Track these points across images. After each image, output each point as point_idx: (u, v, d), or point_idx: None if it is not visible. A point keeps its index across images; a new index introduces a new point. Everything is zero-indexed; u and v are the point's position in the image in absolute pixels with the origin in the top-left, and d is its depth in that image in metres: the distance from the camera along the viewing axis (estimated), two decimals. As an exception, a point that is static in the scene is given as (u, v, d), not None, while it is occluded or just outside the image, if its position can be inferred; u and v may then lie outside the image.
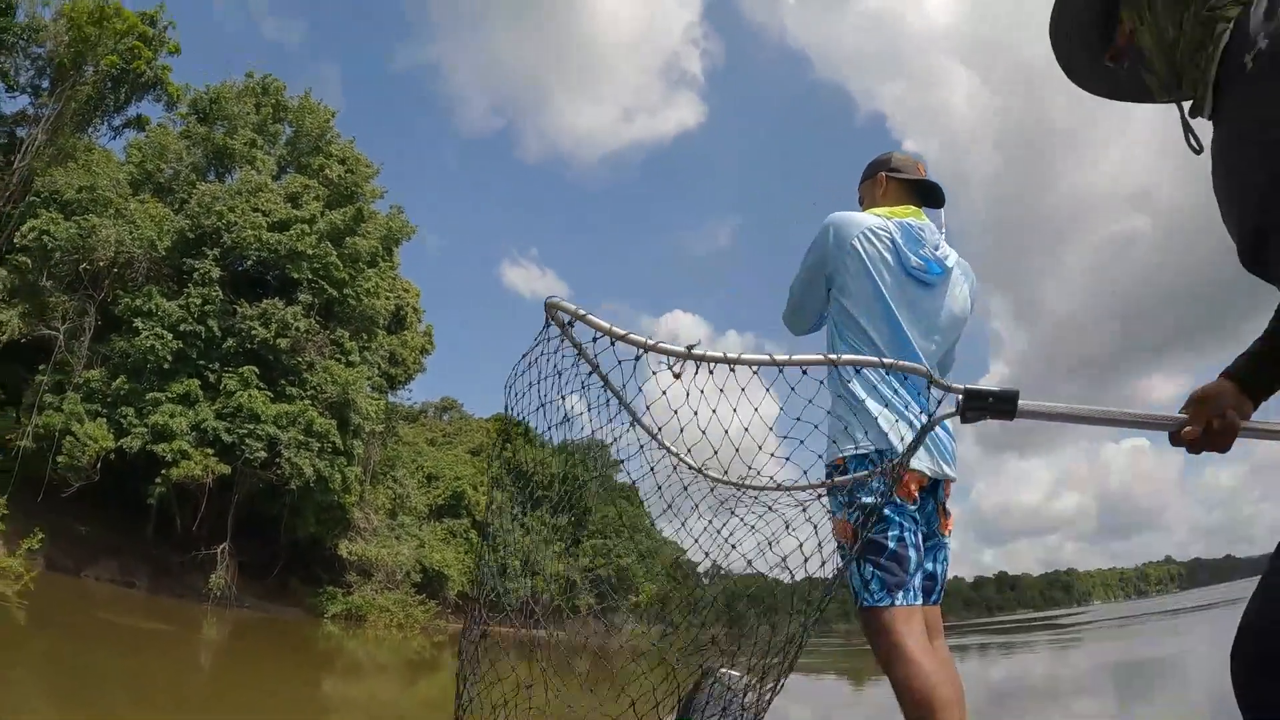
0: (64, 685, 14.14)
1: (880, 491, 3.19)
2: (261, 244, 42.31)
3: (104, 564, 40.56)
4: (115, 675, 16.22)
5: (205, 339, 40.61)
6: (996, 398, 2.18)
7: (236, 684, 19.30)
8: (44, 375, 39.97)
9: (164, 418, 37.90)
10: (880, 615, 3.17)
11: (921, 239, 3.62)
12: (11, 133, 48.98)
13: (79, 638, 20.66)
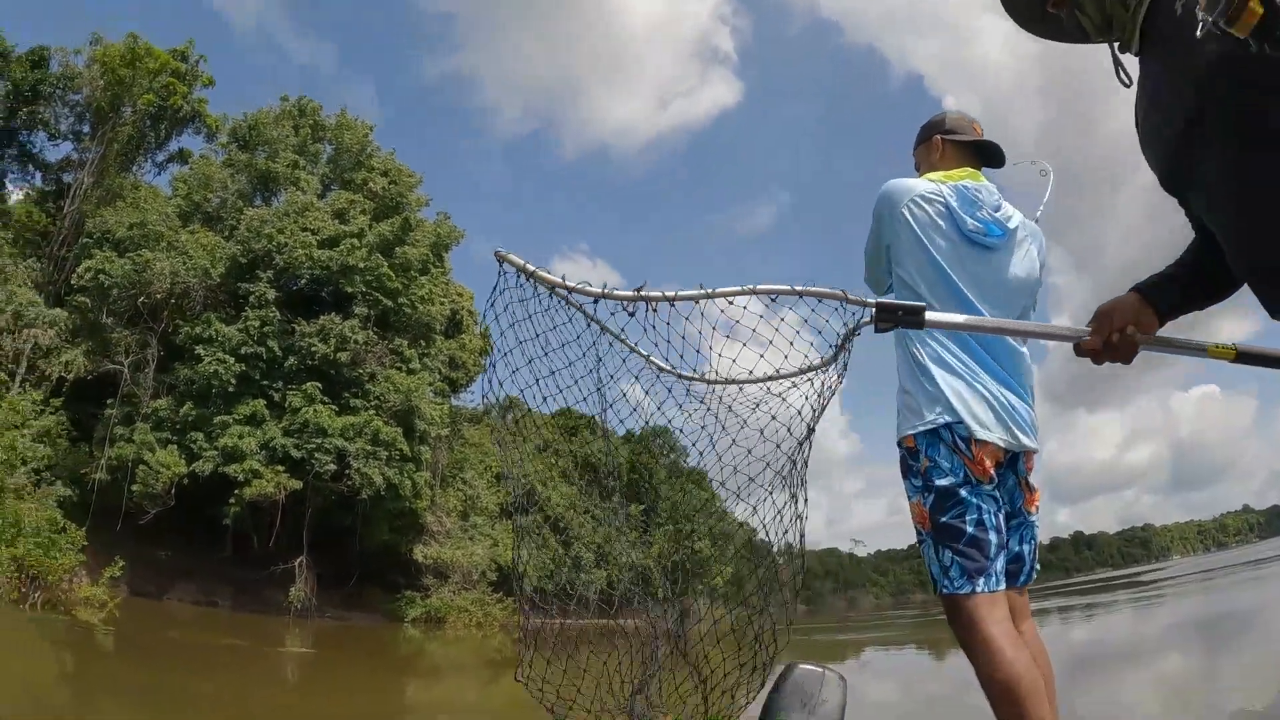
0: (155, 707, 14.16)
1: (953, 470, 3.10)
2: (313, 262, 42.67)
3: (185, 586, 41.23)
4: (204, 693, 16.25)
5: (267, 359, 41.05)
6: (905, 310, 2.44)
7: (322, 693, 19.39)
8: (113, 409, 40.64)
9: (233, 439, 38.32)
10: (961, 603, 3.05)
11: (978, 201, 3.45)
12: (58, 179, 50.11)
13: (166, 659, 20.79)
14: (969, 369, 3.19)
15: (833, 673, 2.45)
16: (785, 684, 2.40)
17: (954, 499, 3.10)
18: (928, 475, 3.15)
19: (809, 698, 2.34)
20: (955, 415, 3.11)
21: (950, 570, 3.07)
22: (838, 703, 2.41)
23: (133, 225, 42.40)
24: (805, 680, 2.41)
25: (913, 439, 3.24)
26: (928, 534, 3.16)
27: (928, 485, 3.16)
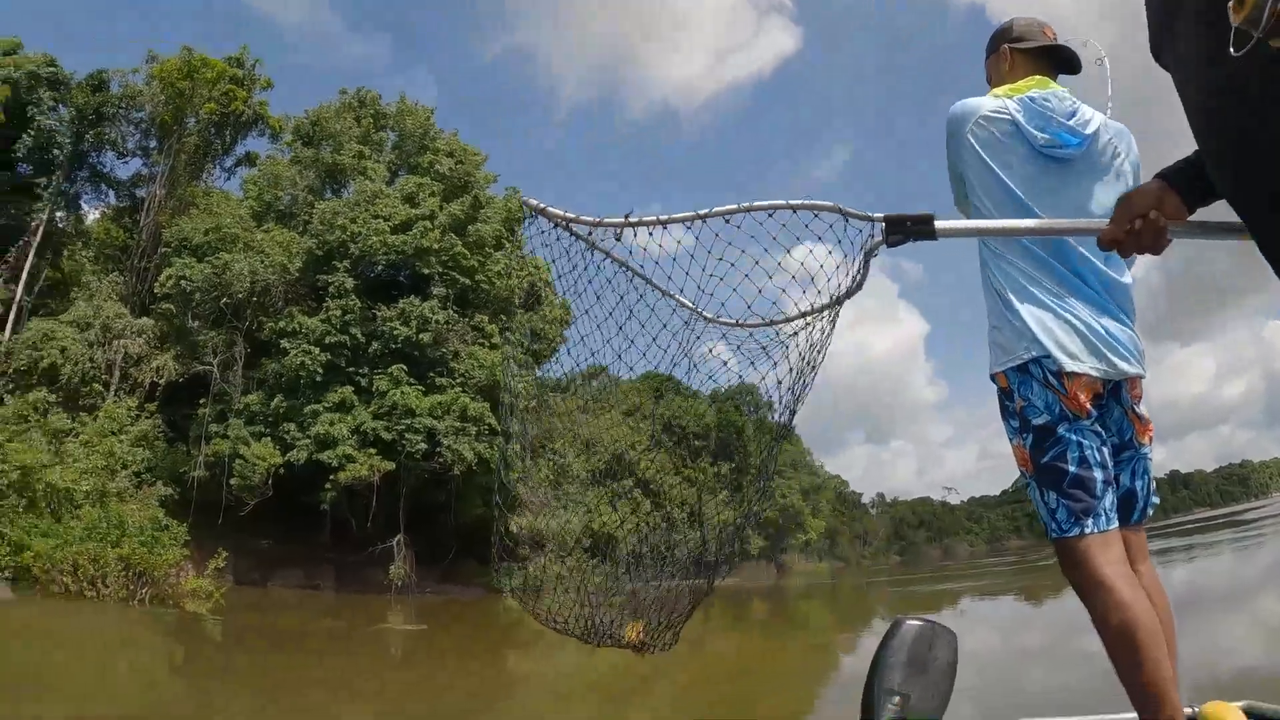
0: (266, 691, 14.34)
1: (1047, 407, 2.90)
2: (388, 248, 42.98)
3: (288, 572, 42.42)
4: (314, 673, 16.46)
5: (351, 347, 41.62)
6: (914, 220, 2.31)
7: (428, 667, 19.54)
8: (206, 408, 41.55)
9: (324, 427, 39.01)
10: (1072, 546, 2.83)
11: (1048, 110, 3.12)
12: (132, 194, 51.35)
13: (274, 643, 21.05)
14: (1056, 296, 2.95)
15: (943, 627, 2.25)
16: (893, 640, 2.15)
17: (1052, 438, 2.89)
18: (1024, 414, 2.96)
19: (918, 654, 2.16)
20: (1042, 349, 2.89)
21: (1057, 513, 2.86)
22: (949, 659, 2.22)
23: (208, 230, 43.28)
24: (914, 636, 2.18)
25: (1004, 377, 3.04)
26: (1031, 477, 2.97)
27: (1025, 425, 2.97)
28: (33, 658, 14.97)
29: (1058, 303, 2.94)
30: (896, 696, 2.10)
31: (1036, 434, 2.91)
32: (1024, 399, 2.95)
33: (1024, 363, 2.93)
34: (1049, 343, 2.88)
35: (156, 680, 14.85)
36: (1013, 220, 2.55)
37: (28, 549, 22.66)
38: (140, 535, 25.26)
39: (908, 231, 2.35)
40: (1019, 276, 3.01)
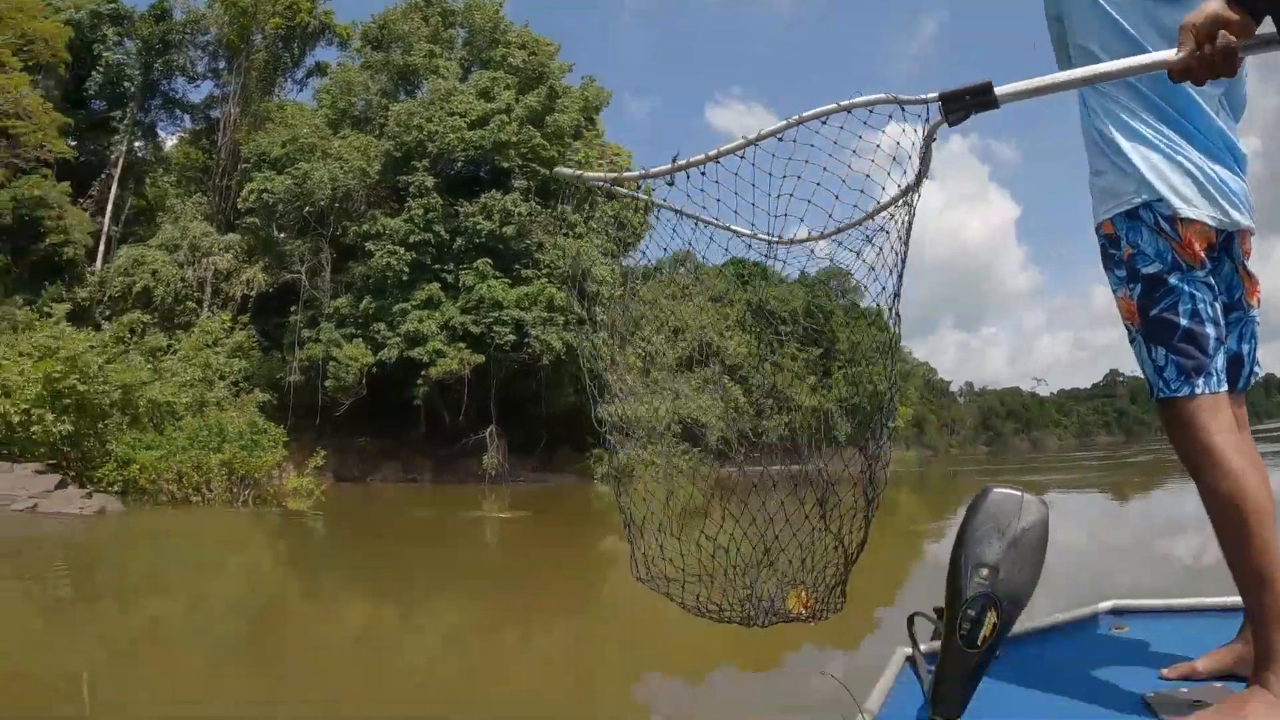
0: (369, 579, 14.48)
1: (1158, 255, 2.61)
2: (466, 144, 42.74)
3: (386, 467, 43.60)
4: (413, 563, 16.55)
5: (435, 244, 41.70)
6: (972, 93, 2.16)
7: (523, 551, 19.63)
8: (297, 315, 42.27)
9: (414, 324, 39.35)
10: (1180, 407, 2.55)
11: None
12: (207, 116, 52.03)
13: (375, 535, 21.23)
14: (1167, 139, 2.65)
15: (1033, 497, 2.05)
16: (980, 508, 2.01)
17: (1163, 288, 2.60)
18: (1131, 263, 2.67)
19: (1007, 525, 2.03)
20: (1154, 192, 2.59)
21: (1165, 371, 2.58)
22: (1039, 531, 2.07)
23: (285, 143, 43.51)
24: (1002, 504, 2.04)
25: (1110, 224, 2.72)
26: (1137, 331, 2.69)
27: (1132, 275, 2.67)
28: (148, 562, 15.23)
29: (1170, 145, 2.64)
30: (985, 569, 1.99)
31: (1145, 284, 2.63)
32: (1132, 246, 2.66)
33: (1134, 207, 2.63)
34: (1161, 186, 2.58)
35: (265, 575, 15.13)
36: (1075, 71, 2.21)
37: (134, 462, 23.15)
38: (240, 440, 25.73)
39: (967, 105, 2.18)
40: (1127, 118, 2.70)
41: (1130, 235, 2.65)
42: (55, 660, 8.20)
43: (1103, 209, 2.74)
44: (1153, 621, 3.26)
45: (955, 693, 2.00)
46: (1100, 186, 2.77)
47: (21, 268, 41.11)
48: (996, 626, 1.94)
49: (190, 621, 10.56)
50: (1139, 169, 2.61)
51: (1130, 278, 2.67)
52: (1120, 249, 2.70)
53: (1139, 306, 2.65)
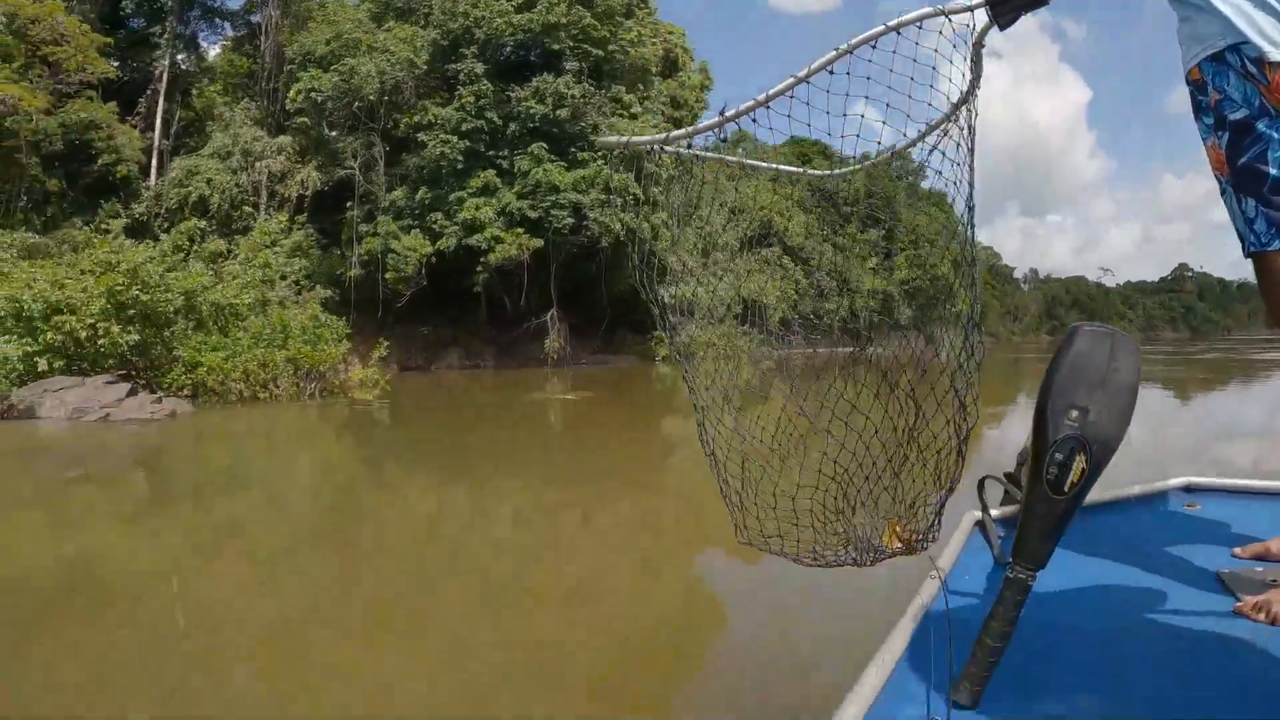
0: (437, 465, 14.62)
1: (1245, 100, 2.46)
2: (514, 28, 42.22)
3: (450, 354, 44.35)
4: (478, 447, 16.76)
5: (489, 131, 41.46)
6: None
7: (586, 434, 19.73)
8: (353, 210, 42.51)
9: (470, 212, 39.45)
10: (1270, 261, 2.44)
11: None
12: (247, 22, 51.52)
13: (440, 421, 21.58)
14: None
15: (1125, 335, 1.88)
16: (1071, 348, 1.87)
17: (1251, 135, 2.44)
18: (1219, 109, 2.53)
19: (1098, 365, 1.87)
20: (1240, 34, 2.43)
21: (1255, 223, 2.47)
22: (1131, 372, 1.89)
23: (329, 40, 43.36)
24: (1093, 343, 1.89)
25: (1197, 69, 2.58)
26: (1227, 181, 2.53)
27: (1220, 122, 2.52)
28: (221, 460, 15.50)
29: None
30: (1074, 410, 1.83)
31: (1233, 131, 2.48)
32: (1219, 92, 2.52)
33: (1220, 50, 2.48)
34: (1248, 28, 2.42)
35: (335, 466, 15.31)
36: None
37: (201, 365, 23.49)
38: (303, 335, 26.15)
39: (1015, 6, 2.05)
40: None
41: (1217, 80, 2.51)
42: (140, 559, 8.42)
43: (1189, 55, 2.60)
44: (1226, 501, 3.30)
45: (1038, 543, 1.86)
46: (1186, 33, 2.62)
47: (77, 191, 41.62)
48: (1085, 472, 1.80)
49: (268, 514, 10.74)
50: (1224, 12, 2.44)
51: (1218, 125, 2.53)
52: (1207, 95, 2.56)
53: (1227, 155, 2.51)
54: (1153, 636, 2.16)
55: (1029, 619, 1.89)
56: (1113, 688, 1.91)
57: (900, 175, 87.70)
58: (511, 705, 4.92)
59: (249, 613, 6.68)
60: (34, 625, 6.24)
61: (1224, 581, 2.37)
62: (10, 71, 36.74)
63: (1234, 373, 35.97)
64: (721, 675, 5.39)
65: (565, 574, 7.88)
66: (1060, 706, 1.85)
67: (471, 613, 6.67)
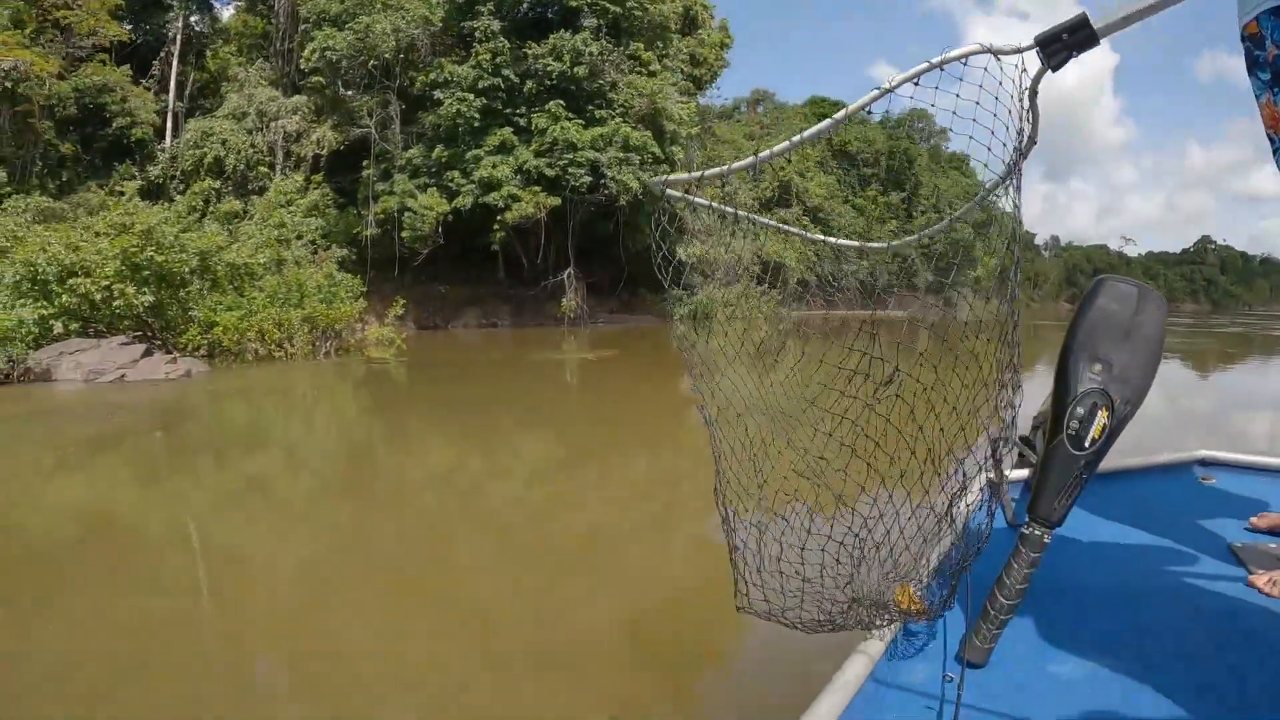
0: (453, 422, 14.65)
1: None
2: (532, -17, 41.57)
3: (467, 313, 44.14)
4: (495, 404, 16.82)
5: (505, 88, 41.06)
6: (1069, 31, 1.97)
7: (602, 392, 19.75)
8: (369, 169, 42.37)
9: (487, 170, 39.10)
10: None
11: None
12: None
13: (455, 380, 21.52)
14: None
15: (1150, 289, 1.99)
16: (1095, 300, 1.96)
17: None
18: (1276, 64, 2.45)
19: (1122, 318, 1.93)
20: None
21: None
22: (1156, 326, 1.95)
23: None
24: (1118, 296, 1.97)
25: (1256, 23, 2.48)
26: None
27: (1277, 78, 2.44)
28: (236, 418, 15.56)
29: None
30: (1098, 364, 1.89)
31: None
32: (1278, 46, 2.42)
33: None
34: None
35: (351, 423, 15.46)
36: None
37: (216, 325, 23.53)
38: (319, 294, 26.21)
39: (1067, 45, 1.99)
40: None
41: (1276, 34, 2.41)
42: (155, 517, 8.47)
43: (1248, 8, 2.50)
44: (1241, 476, 3.39)
45: (1056, 500, 1.87)
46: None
47: (92, 154, 41.75)
48: (1106, 428, 1.83)
49: (283, 471, 10.82)
50: None
51: (1275, 80, 2.45)
52: (1265, 49, 2.48)
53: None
54: (1165, 604, 2.19)
55: (1040, 580, 1.90)
56: (1123, 653, 1.91)
57: (926, 138, 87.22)
58: (525, 664, 4.91)
59: (267, 567, 6.78)
60: (54, 582, 6.34)
61: (1236, 554, 2.41)
62: (22, 37, 36.71)
63: (1255, 347, 35.75)
64: (735, 635, 5.34)
65: (582, 530, 7.87)
66: (1069, 668, 1.86)
67: (487, 569, 6.70)
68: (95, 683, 4.72)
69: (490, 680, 4.83)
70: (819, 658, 3.96)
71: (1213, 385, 20.97)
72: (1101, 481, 3.04)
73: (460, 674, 4.88)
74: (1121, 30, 2.02)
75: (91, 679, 4.76)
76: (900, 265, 3.72)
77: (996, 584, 1.84)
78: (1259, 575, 2.21)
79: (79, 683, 4.70)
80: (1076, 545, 2.49)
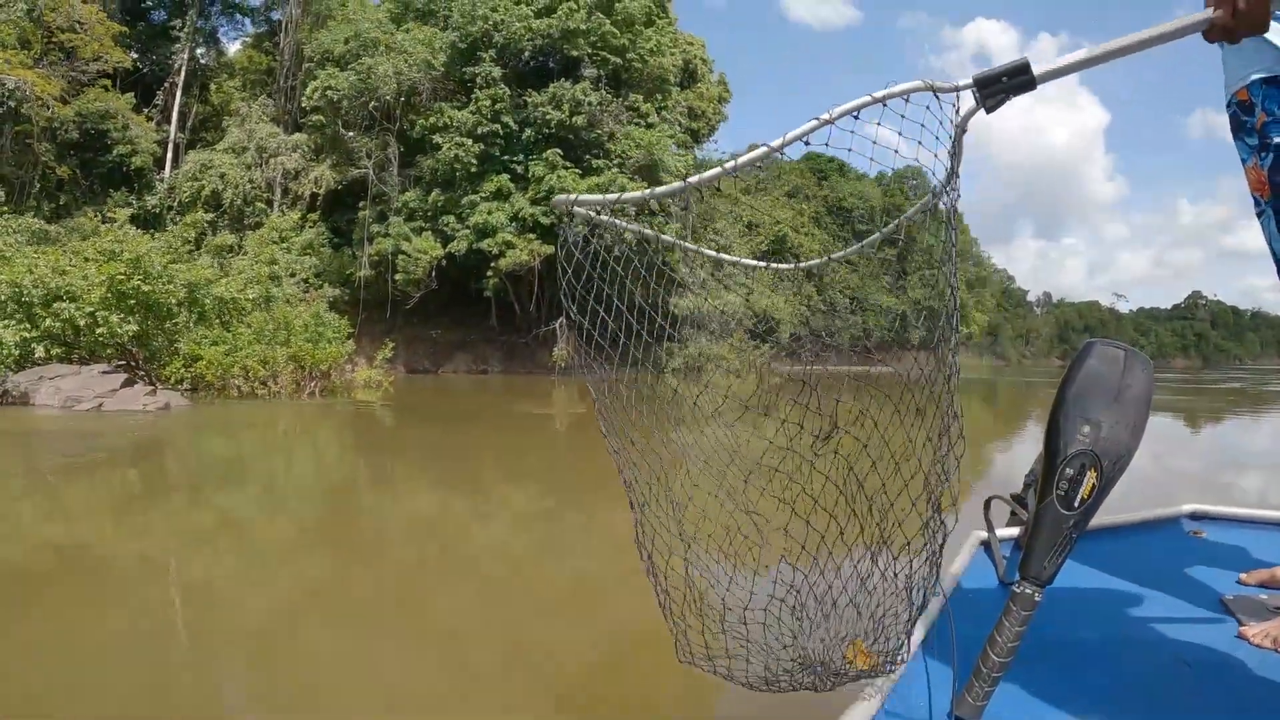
0: (437, 469, 14.42)
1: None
2: (533, 33, 41.99)
3: (458, 358, 44.58)
4: (480, 453, 16.57)
5: (504, 135, 41.26)
6: (1009, 74, 1.97)
7: (590, 444, 19.55)
8: (365, 210, 42.63)
9: (482, 216, 39.25)
10: None
11: None
12: (268, 19, 52.48)
13: (440, 424, 21.24)
14: None
15: (1138, 352, 1.97)
16: (1084, 363, 1.95)
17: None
18: (1264, 131, 2.54)
19: (1111, 380, 1.93)
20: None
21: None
22: (1144, 388, 1.93)
23: (348, 39, 43.57)
24: (1107, 359, 1.96)
25: (1246, 91, 2.59)
26: (1267, 204, 2.57)
27: (1264, 143, 2.53)
28: (212, 454, 15.25)
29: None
30: (1087, 425, 1.87)
31: (1277, 154, 2.49)
32: (1267, 114, 2.52)
33: (1276, 75, 2.48)
34: None
35: (332, 460, 15.36)
36: (1105, 44, 2.02)
37: (200, 359, 23.43)
38: (305, 333, 25.98)
39: (1004, 88, 1.99)
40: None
41: (1267, 103, 2.51)
42: (132, 545, 8.27)
43: (1238, 76, 2.61)
44: (1231, 529, 3.38)
45: (1046, 559, 1.87)
46: (1236, 57, 2.62)
47: (91, 180, 42.05)
48: (1096, 488, 1.83)
49: (260, 508, 10.54)
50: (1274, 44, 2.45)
51: (1262, 147, 2.53)
52: (1254, 116, 2.57)
53: (1270, 178, 2.52)
54: (1156, 658, 2.17)
55: (1032, 636, 1.89)
56: (1114, 707, 1.90)
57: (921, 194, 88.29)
58: (503, 701, 4.79)
59: (227, 605, 6.51)
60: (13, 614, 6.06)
61: (1228, 607, 2.41)
62: (25, 57, 36.88)
63: (1246, 402, 35.70)
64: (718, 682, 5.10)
65: (562, 576, 7.77)
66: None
67: (466, 610, 6.48)
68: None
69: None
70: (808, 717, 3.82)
71: (1203, 440, 20.89)
72: (1091, 538, 3.04)
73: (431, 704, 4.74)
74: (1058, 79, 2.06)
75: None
76: (892, 322, 3.68)
77: (989, 642, 1.83)
78: (1250, 627, 2.22)
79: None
80: (1066, 601, 2.49)
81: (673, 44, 48.07)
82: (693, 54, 52.03)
